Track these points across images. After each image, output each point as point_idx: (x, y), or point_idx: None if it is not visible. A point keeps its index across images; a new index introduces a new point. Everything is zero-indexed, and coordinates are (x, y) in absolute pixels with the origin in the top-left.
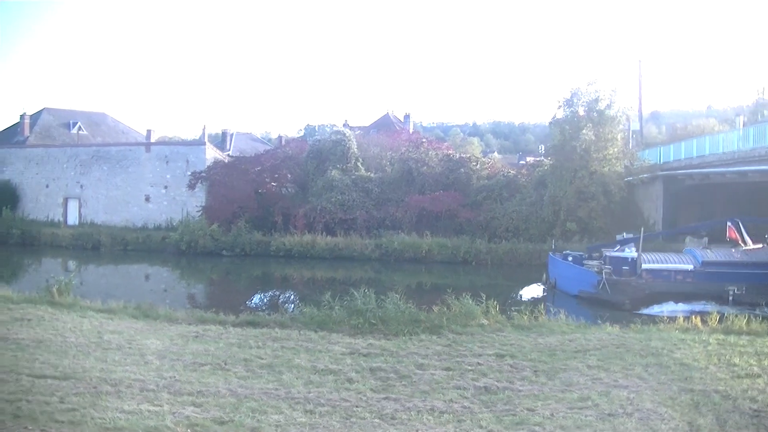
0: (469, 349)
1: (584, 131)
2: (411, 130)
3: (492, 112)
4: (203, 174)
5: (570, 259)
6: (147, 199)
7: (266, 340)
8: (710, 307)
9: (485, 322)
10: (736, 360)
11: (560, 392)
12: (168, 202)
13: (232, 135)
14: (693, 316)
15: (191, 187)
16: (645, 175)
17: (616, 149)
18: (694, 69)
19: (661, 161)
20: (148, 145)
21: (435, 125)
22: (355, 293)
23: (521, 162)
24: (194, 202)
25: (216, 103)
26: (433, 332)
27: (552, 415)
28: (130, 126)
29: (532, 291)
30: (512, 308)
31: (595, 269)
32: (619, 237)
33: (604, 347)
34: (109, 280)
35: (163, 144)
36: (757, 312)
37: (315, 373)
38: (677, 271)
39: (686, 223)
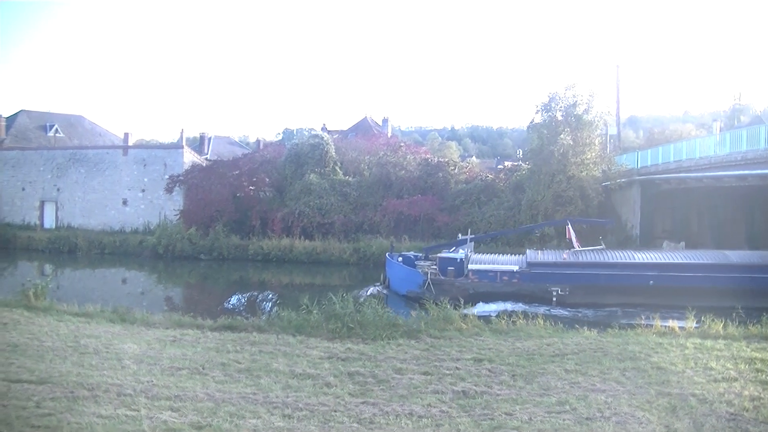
0: (447, 354)
1: (562, 136)
2: (389, 134)
3: (470, 117)
4: (181, 178)
5: (400, 259)
6: (124, 202)
7: (244, 344)
8: (533, 307)
9: (463, 326)
10: (713, 364)
11: (538, 396)
12: (145, 206)
13: (210, 138)
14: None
15: (169, 190)
16: (622, 180)
17: (593, 154)
18: (672, 74)
19: (639, 166)
20: (125, 149)
21: (413, 129)
22: (333, 297)
23: (499, 166)
24: (172, 205)
25: (194, 106)
26: (411, 337)
27: (530, 419)
28: (107, 129)
29: (373, 292)
30: None
31: (425, 269)
32: (462, 237)
33: (581, 351)
34: (86, 284)
35: (140, 147)
36: (580, 312)
37: (293, 378)
38: (503, 272)
39: (663, 226)
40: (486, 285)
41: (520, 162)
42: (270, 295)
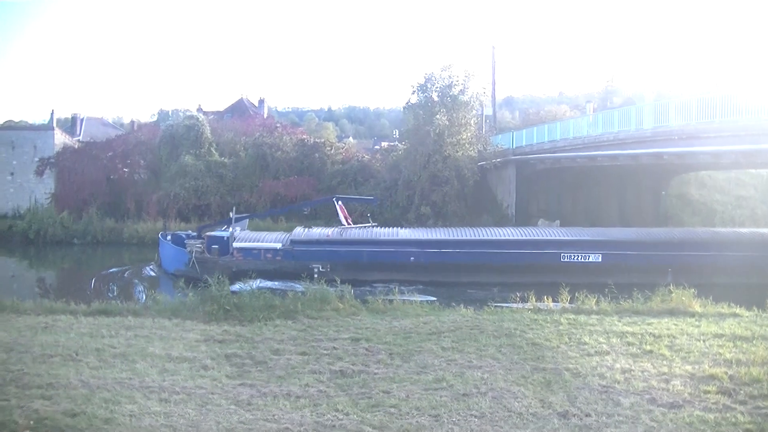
0: (325, 334)
1: (438, 116)
2: (265, 115)
3: (347, 97)
4: (52, 160)
5: (169, 238)
6: None
7: (119, 329)
8: (295, 284)
9: (340, 306)
10: (586, 339)
11: (415, 374)
12: (15, 190)
13: (82, 120)
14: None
15: (39, 173)
16: (498, 160)
17: (469, 134)
18: (548, 57)
19: (514, 146)
20: None
21: (290, 110)
22: (209, 279)
23: (376, 147)
24: (43, 189)
25: (65, 86)
26: (288, 317)
27: (407, 396)
28: None
29: (145, 270)
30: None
31: (192, 248)
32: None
33: (458, 329)
34: None
35: (8, 129)
36: (338, 288)
37: (169, 361)
38: (266, 250)
39: (538, 205)
40: (250, 263)
41: (397, 142)
42: (145, 279)
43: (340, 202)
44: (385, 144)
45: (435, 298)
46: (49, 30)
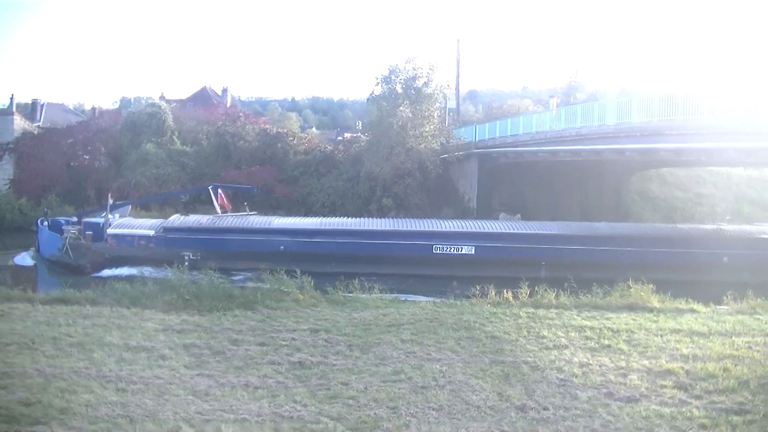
0: (284, 325)
1: (401, 108)
2: (228, 104)
3: (311, 88)
4: (11, 146)
5: (45, 224)
6: None
7: (77, 317)
8: (166, 271)
9: (300, 297)
10: (545, 332)
11: (374, 366)
12: None
13: (43, 105)
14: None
15: None
16: (460, 153)
17: (432, 126)
18: (512, 51)
19: (477, 139)
20: None
21: (253, 99)
22: (168, 268)
23: (339, 138)
24: (1, 174)
25: (26, 71)
26: (248, 308)
27: (366, 388)
28: None
29: (23, 258)
30: None
31: (67, 234)
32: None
33: (417, 321)
34: None
35: None
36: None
37: (127, 351)
38: (140, 237)
39: (500, 199)
40: (123, 249)
41: (360, 134)
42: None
43: (219, 190)
44: (348, 135)
45: None
46: (10, 14)
